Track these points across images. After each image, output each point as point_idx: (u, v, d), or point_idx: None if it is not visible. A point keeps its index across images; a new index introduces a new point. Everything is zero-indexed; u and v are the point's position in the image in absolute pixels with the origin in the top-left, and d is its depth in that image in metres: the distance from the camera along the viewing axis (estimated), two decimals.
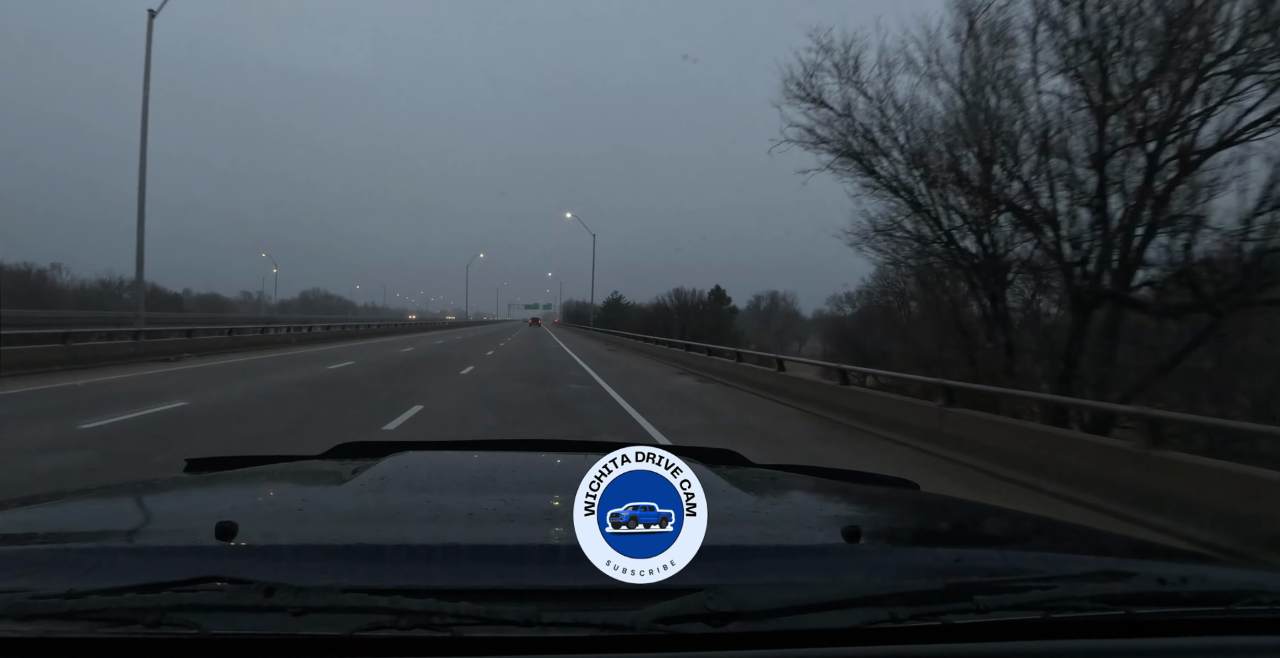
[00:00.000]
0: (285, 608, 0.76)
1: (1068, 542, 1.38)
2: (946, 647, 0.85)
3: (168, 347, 19.01)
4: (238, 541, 0.95)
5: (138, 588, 0.78)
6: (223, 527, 0.95)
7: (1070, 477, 6.09)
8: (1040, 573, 0.97)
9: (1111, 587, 0.92)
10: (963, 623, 0.84)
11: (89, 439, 7.49)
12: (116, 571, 0.87)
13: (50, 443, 7.14)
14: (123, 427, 8.24)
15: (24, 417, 8.77)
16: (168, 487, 1.51)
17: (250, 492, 1.48)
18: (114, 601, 0.77)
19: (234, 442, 7.54)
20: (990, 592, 0.88)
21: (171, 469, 1.76)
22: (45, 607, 0.76)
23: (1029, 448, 6.73)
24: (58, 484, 4.27)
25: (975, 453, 7.35)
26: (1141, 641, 0.88)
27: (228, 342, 23.04)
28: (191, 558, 0.92)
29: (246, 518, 1.03)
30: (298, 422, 9.07)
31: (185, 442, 7.45)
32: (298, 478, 1.62)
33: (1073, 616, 0.87)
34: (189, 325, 24.54)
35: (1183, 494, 5.08)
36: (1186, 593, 0.92)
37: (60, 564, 0.90)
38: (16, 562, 0.93)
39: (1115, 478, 5.67)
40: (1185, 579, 0.94)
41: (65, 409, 9.44)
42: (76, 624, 0.76)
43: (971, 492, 5.98)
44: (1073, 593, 0.89)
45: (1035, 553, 1.21)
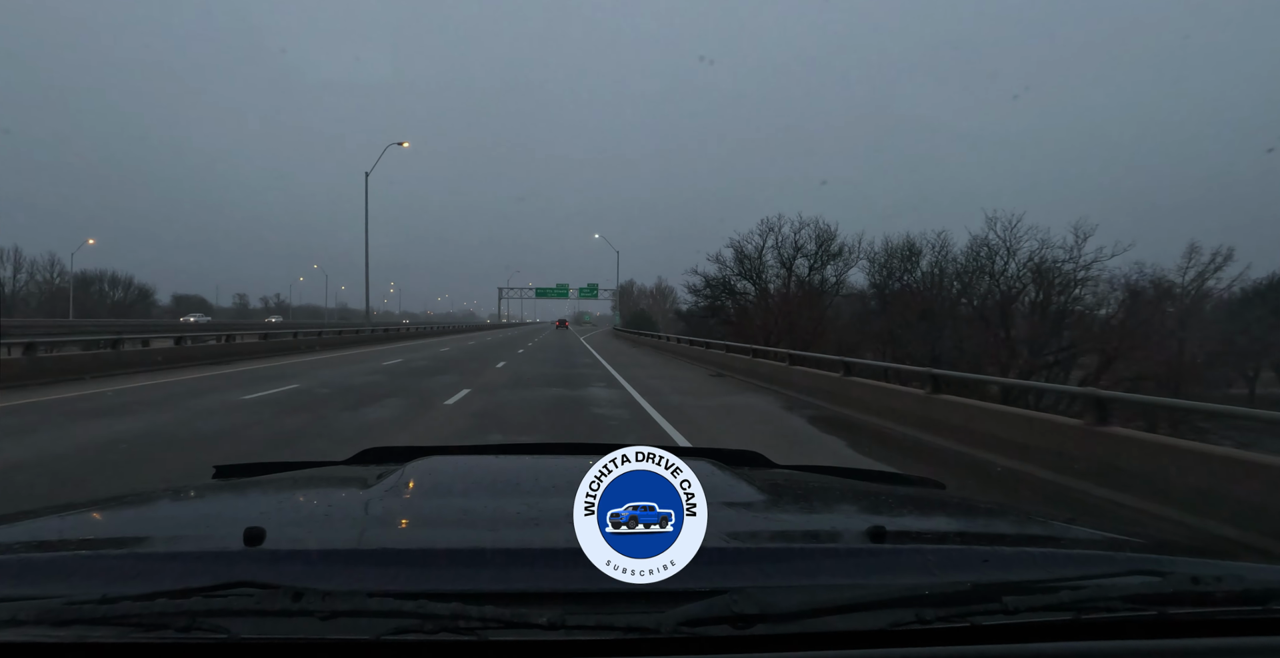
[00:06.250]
0: (313, 612, 0.77)
1: (1098, 541, 1.35)
2: (975, 648, 0.83)
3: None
4: (266, 546, 0.96)
5: (169, 594, 0.79)
6: (251, 532, 0.96)
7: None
8: (1070, 573, 0.95)
9: (1144, 586, 0.91)
10: (991, 624, 0.83)
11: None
12: (148, 576, 0.88)
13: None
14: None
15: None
16: (197, 493, 1.53)
17: (277, 498, 1.49)
18: (146, 606, 0.78)
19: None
20: (1019, 593, 0.87)
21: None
22: (79, 612, 0.78)
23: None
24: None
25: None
26: (1175, 641, 0.87)
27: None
28: (221, 564, 0.93)
29: (274, 523, 1.04)
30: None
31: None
32: (324, 483, 1.64)
33: (1104, 616, 0.86)
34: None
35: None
36: (1221, 592, 0.90)
37: (93, 571, 0.92)
38: (50, 568, 0.95)
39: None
40: (1220, 578, 0.92)
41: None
42: (110, 629, 0.77)
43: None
44: (1104, 593, 0.88)
45: (1065, 553, 1.19)
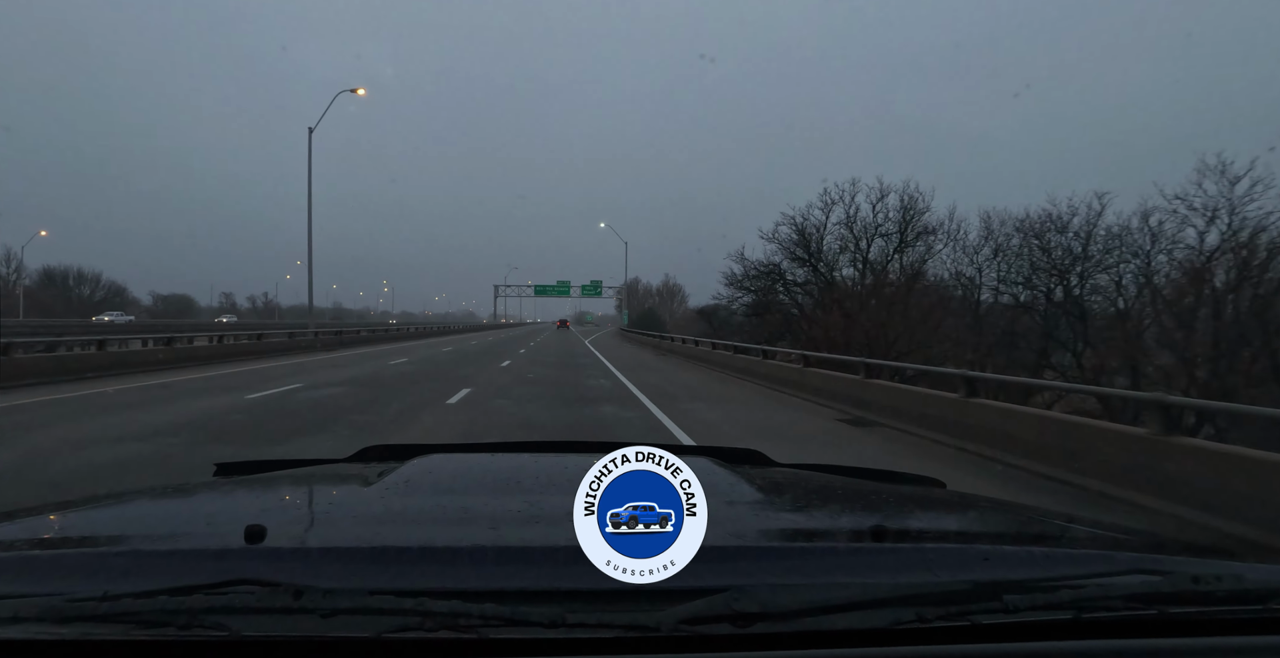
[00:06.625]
0: (314, 610, 0.77)
1: (1098, 540, 1.35)
2: (975, 647, 0.83)
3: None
4: (267, 544, 0.96)
5: (170, 591, 0.80)
6: (252, 530, 0.97)
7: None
8: (1071, 572, 0.95)
9: (1144, 585, 0.91)
10: (991, 623, 0.83)
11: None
12: (149, 574, 0.89)
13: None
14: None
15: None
16: (198, 491, 1.53)
17: (278, 495, 1.49)
18: (147, 603, 0.78)
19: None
20: (1020, 591, 0.87)
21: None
22: (81, 610, 0.78)
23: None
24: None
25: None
26: (1175, 640, 0.87)
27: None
28: (222, 561, 0.93)
29: (275, 521, 1.05)
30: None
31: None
32: (324, 481, 1.64)
33: (1104, 615, 0.86)
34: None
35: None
36: (1221, 592, 0.90)
37: (95, 568, 0.92)
38: (52, 566, 0.95)
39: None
40: (1220, 577, 0.92)
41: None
42: (111, 627, 0.77)
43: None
44: (1104, 592, 0.88)
45: (1065, 552, 1.19)
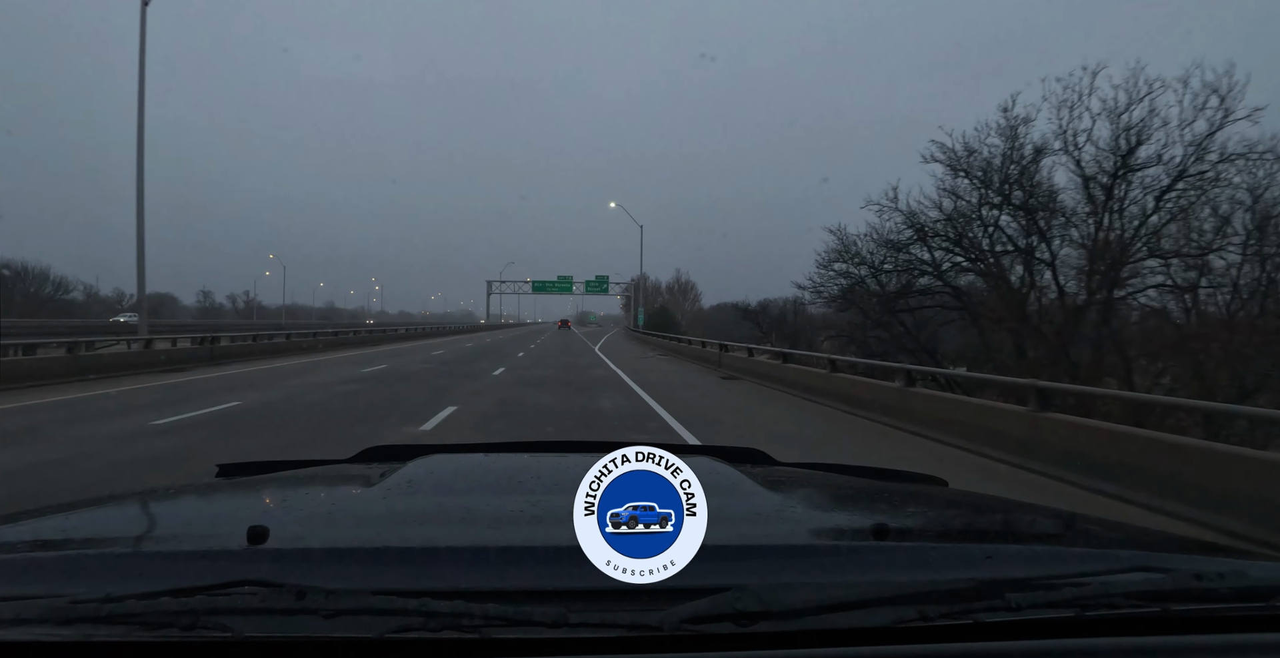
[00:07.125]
0: (317, 611, 0.77)
1: (1101, 538, 1.35)
2: (978, 645, 0.83)
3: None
4: (269, 545, 0.96)
5: (173, 592, 0.80)
6: (254, 531, 0.97)
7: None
8: (1074, 570, 0.95)
9: (1147, 583, 0.90)
10: (994, 621, 0.83)
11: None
12: (152, 575, 0.89)
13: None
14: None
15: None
16: (200, 492, 1.54)
17: (280, 496, 1.49)
18: (150, 605, 0.78)
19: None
20: (1023, 589, 0.87)
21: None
22: (84, 611, 0.78)
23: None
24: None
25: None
26: (1178, 638, 0.87)
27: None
28: (225, 562, 0.93)
29: (277, 522, 1.05)
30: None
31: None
32: (327, 482, 1.64)
33: (1107, 613, 0.86)
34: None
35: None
36: (1224, 589, 0.90)
37: (97, 569, 0.92)
38: (55, 567, 0.95)
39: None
40: (1223, 575, 0.92)
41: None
42: (114, 628, 0.77)
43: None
44: (1107, 590, 0.88)
45: (1068, 549, 1.19)
